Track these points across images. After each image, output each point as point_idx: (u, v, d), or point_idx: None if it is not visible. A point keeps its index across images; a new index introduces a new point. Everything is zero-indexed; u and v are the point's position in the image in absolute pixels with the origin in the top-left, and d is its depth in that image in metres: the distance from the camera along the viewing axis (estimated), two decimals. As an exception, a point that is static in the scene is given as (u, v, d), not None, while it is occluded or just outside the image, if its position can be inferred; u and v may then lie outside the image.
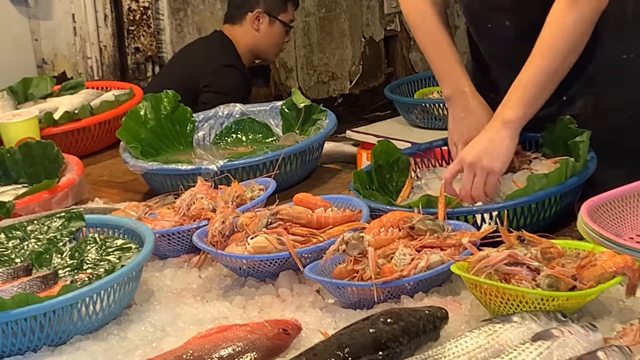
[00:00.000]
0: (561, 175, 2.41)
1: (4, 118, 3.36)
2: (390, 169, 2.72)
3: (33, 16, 5.48)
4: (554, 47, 2.50)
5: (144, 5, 5.64)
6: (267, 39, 4.96)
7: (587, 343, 1.74)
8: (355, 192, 2.54)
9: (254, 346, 1.89)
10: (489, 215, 2.35)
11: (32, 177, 2.95)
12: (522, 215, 2.38)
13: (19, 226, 2.44)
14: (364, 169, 2.66)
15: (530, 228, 2.19)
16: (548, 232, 2.11)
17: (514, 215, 2.38)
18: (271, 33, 5.00)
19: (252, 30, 4.91)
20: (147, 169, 2.88)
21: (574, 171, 2.43)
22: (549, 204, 2.41)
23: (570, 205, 2.47)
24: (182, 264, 2.41)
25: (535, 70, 2.50)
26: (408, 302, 2.03)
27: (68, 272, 2.30)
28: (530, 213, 2.39)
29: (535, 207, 2.39)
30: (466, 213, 2.36)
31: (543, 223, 2.39)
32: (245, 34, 4.91)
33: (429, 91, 5.10)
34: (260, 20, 4.92)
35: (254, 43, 4.92)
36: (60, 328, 2.03)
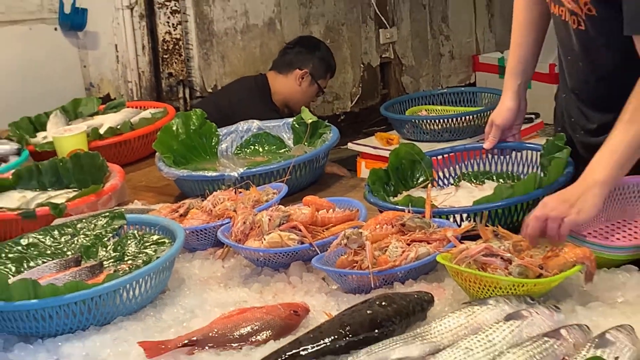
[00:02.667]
0: (527, 187, 2.33)
1: (57, 133, 3.37)
2: (412, 167, 2.69)
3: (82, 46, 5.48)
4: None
5: (176, 37, 5.64)
6: (303, 95, 4.95)
7: (551, 322, 1.74)
8: (367, 186, 2.53)
9: (269, 325, 1.90)
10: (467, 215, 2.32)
11: (81, 183, 2.95)
12: (490, 219, 2.28)
13: (70, 224, 2.45)
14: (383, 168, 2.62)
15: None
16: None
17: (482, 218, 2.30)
18: (308, 91, 5.01)
19: (294, 84, 4.88)
20: (179, 176, 2.88)
21: (540, 184, 2.35)
22: (515, 210, 2.31)
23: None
24: (208, 256, 2.40)
25: (627, 134, 2.13)
26: (400, 288, 2.03)
27: (111, 263, 2.31)
28: (497, 217, 2.30)
29: (502, 212, 2.30)
30: (447, 213, 2.32)
31: (512, 226, 2.25)
32: (286, 84, 4.89)
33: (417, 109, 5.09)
34: (304, 79, 4.92)
35: (291, 94, 4.89)
36: (105, 310, 2.04)
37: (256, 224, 2.28)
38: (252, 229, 2.29)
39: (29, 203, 2.82)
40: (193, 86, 5.77)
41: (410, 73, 7.07)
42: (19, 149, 3.34)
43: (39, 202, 2.81)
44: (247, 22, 5.95)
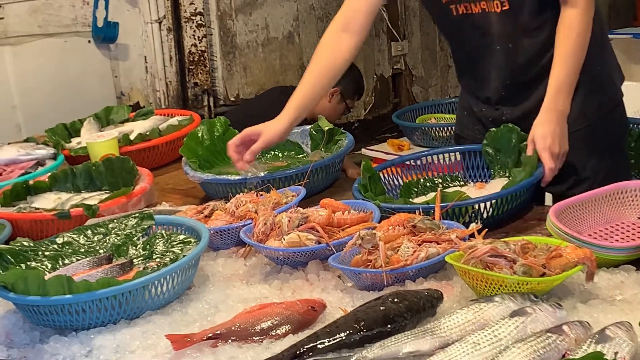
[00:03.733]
0: (532, 167, 2.48)
1: (90, 139, 3.37)
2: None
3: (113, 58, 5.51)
4: (575, 49, 2.52)
5: (201, 49, 5.66)
6: (331, 111, 4.91)
7: (554, 318, 1.73)
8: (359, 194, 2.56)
9: (288, 320, 1.89)
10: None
11: (112, 186, 2.95)
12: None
13: (102, 224, 2.45)
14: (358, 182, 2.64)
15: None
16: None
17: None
18: (336, 108, 5.00)
19: (324, 99, 4.85)
20: (204, 179, 2.88)
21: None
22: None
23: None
24: (231, 255, 2.40)
25: (568, 67, 2.52)
26: (411, 285, 2.02)
27: (141, 261, 2.31)
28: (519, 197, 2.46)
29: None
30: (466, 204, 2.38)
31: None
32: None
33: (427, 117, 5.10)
34: (334, 96, 4.90)
35: (320, 109, 4.85)
36: (135, 305, 2.04)
37: (276, 225, 2.28)
38: (272, 230, 2.28)
39: (64, 204, 2.83)
40: (217, 95, 5.79)
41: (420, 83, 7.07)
42: (55, 154, 3.36)
43: (73, 203, 2.82)
44: (268, 35, 5.96)
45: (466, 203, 2.38)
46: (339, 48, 2.76)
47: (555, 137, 2.50)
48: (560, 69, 2.54)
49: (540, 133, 2.51)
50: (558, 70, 2.54)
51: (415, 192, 2.77)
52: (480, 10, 2.64)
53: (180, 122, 3.62)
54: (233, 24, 5.76)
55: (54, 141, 3.50)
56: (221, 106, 5.77)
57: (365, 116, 6.78)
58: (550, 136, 2.50)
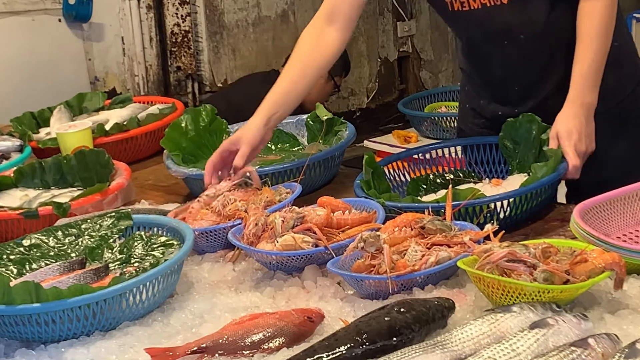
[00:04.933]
0: (556, 161, 2.48)
1: (61, 129, 3.37)
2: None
3: (87, 38, 5.50)
4: (600, 37, 2.55)
5: (185, 29, 5.66)
6: (318, 92, 4.91)
7: (578, 331, 1.73)
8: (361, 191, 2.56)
9: (282, 332, 1.89)
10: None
11: (86, 181, 2.95)
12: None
13: (74, 224, 2.45)
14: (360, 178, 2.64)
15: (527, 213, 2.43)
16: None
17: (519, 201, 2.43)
18: (324, 88, 5.00)
19: None
20: (187, 174, 2.88)
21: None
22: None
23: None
24: (218, 259, 2.40)
25: (593, 57, 2.53)
26: (419, 294, 2.02)
27: (117, 266, 2.30)
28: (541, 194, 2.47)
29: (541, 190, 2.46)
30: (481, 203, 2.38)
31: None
32: None
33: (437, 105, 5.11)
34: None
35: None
36: (111, 315, 2.04)
37: (269, 226, 2.27)
38: (264, 231, 2.28)
39: (32, 202, 2.83)
40: (202, 81, 5.78)
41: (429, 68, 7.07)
42: (21, 146, 3.36)
43: (42, 201, 2.82)
44: (259, 14, 5.96)
45: (481, 202, 2.38)
46: (323, 44, 2.77)
47: (581, 134, 2.51)
48: (584, 58, 2.55)
49: (566, 128, 2.51)
50: (582, 60, 2.55)
51: (423, 189, 2.78)
52: (480, 6, 2.65)
53: (161, 111, 3.62)
54: (220, 0, 5.75)
55: (20, 132, 3.49)
56: (207, 93, 5.77)
57: (368, 104, 6.79)
58: (577, 132, 2.50)
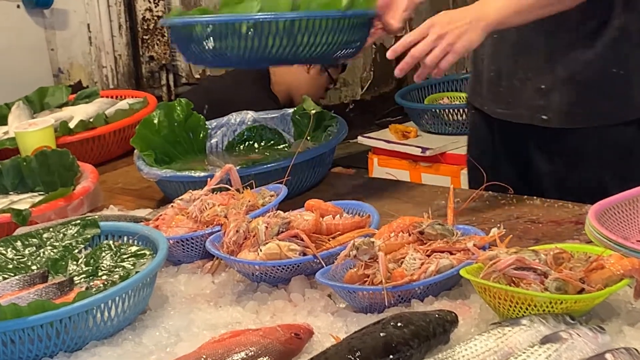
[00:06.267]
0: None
1: (20, 127, 3.37)
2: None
3: (49, 26, 5.49)
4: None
5: (158, 15, 5.65)
6: (310, 85, 4.90)
7: (595, 345, 1.73)
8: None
9: (267, 350, 1.89)
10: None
11: (48, 185, 2.95)
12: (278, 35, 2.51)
13: (35, 234, 2.44)
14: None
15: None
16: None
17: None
18: (317, 81, 4.98)
19: (302, 70, 4.86)
20: (161, 177, 2.88)
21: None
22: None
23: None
24: (196, 270, 2.41)
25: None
26: (418, 306, 2.03)
27: (83, 279, 2.30)
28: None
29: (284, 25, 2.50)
30: None
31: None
32: (290, 71, 4.86)
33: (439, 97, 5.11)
34: (313, 65, 4.86)
35: (296, 84, 4.85)
36: (76, 334, 2.03)
37: (251, 233, 2.28)
38: (246, 239, 2.29)
39: (-13, 209, 2.83)
40: (178, 72, 5.78)
41: (430, 55, 7.07)
42: (-24, 146, 3.36)
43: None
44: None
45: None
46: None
47: (455, 21, 2.51)
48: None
49: (447, 16, 2.54)
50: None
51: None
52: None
53: (131, 106, 3.62)
54: (197, -17, 5.76)
55: (-26, 131, 3.50)
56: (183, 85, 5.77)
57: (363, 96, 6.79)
58: (450, 17, 2.53)
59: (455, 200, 2.35)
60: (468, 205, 2.54)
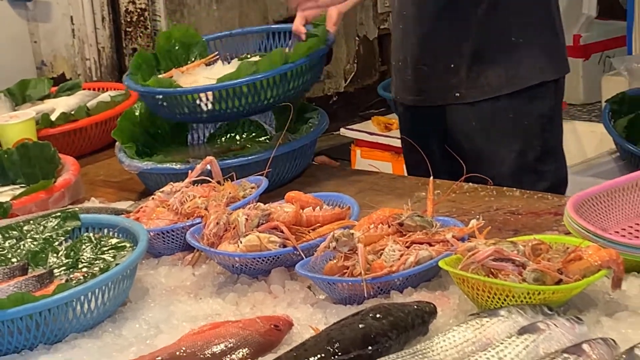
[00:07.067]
0: (273, 63, 2.76)
1: (1, 120, 3.35)
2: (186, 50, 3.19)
3: (32, 18, 5.47)
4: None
5: (141, 7, 5.63)
6: None
7: (572, 336, 1.74)
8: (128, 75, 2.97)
9: (246, 342, 1.89)
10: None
11: (29, 178, 2.94)
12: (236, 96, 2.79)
13: (15, 226, 2.43)
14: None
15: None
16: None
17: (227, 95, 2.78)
18: None
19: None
20: (142, 169, 2.87)
21: (287, 60, 2.78)
22: (262, 87, 2.79)
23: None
24: (176, 262, 2.40)
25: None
26: (397, 297, 2.03)
27: (63, 271, 2.30)
28: (243, 95, 2.79)
29: (247, 89, 2.77)
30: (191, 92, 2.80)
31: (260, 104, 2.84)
32: None
33: (421, 89, 5.09)
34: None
35: None
36: (56, 326, 2.03)
37: (231, 225, 2.28)
38: (226, 231, 2.28)
39: (-31, 202, 2.82)
40: (161, 64, 5.76)
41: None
42: (-43, 139, 3.34)
43: (-20, 200, 2.80)
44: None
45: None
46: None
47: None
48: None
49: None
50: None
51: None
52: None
53: (113, 98, 3.61)
54: (180, -26, 5.74)
55: (-44, 123, 3.47)
56: (166, 77, 5.75)
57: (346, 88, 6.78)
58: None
59: (435, 192, 2.35)
60: (448, 197, 2.54)
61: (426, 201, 2.31)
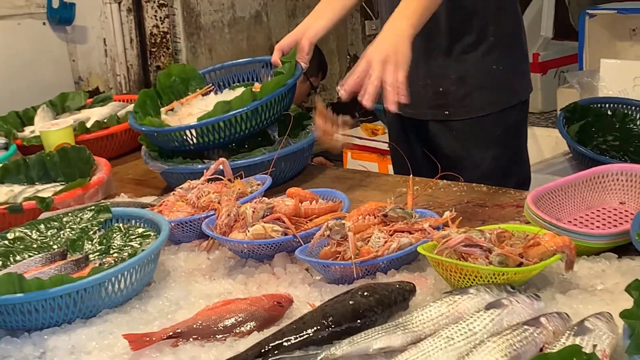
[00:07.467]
0: (244, 101, 2.76)
1: (44, 127, 3.35)
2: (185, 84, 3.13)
3: (71, 40, 5.45)
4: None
5: (164, 30, 5.62)
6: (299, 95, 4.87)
7: (531, 310, 1.73)
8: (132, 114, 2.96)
9: (253, 316, 1.89)
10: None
11: (68, 177, 2.93)
12: (215, 131, 2.79)
13: (56, 218, 2.43)
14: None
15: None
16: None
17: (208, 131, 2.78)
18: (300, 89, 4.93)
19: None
20: (164, 169, 2.87)
21: (255, 97, 2.79)
22: (236, 122, 2.79)
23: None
24: (194, 248, 2.39)
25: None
26: (382, 278, 2.03)
27: (97, 256, 2.29)
28: (221, 129, 2.79)
29: (225, 124, 2.78)
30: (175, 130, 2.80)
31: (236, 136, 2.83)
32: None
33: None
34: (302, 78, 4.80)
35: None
36: (91, 303, 2.03)
37: (240, 216, 2.27)
38: (236, 221, 2.28)
39: (17, 197, 2.81)
40: (180, 79, 5.74)
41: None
42: (7, 144, 3.33)
43: (26, 196, 2.80)
44: (234, 15, 5.93)
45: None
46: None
47: (384, 48, 2.43)
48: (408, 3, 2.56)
49: (376, 48, 2.45)
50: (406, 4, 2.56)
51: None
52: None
53: (140, 109, 3.59)
54: (197, 3, 5.72)
55: (6, 130, 3.47)
56: (185, 90, 5.74)
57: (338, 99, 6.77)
58: (378, 48, 2.45)
59: (414, 188, 2.34)
60: (425, 192, 2.54)
61: (406, 196, 2.30)
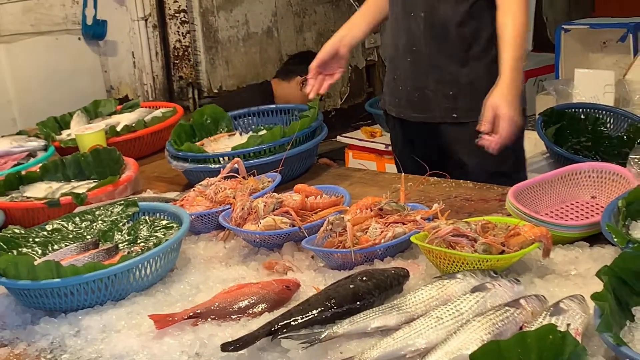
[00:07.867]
0: (274, 137, 2.80)
1: (79, 131, 3.35)
2: (215, 123, 3.14)
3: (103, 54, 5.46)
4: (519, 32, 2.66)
5: (186, 44, 5.62)
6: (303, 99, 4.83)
7: (512, 293, 1.74)
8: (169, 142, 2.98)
9: (265, 299, 1.89)
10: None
11: (100, 175, 2.93)
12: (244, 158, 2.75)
13: (89, 211, 2.43)
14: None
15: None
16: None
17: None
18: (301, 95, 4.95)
19: (296, 89, 4.79)
20: (186, 168, 2.86)
21: (284, 134, 2.81)
22: (264, 153, 2.79)
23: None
24: (212, 238, 2.39)
25: (515, 49, 2.63)
26: (379, 264, 2.02)
27: (126, 245, 2.29)
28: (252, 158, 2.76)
29: (254, 154, 2.78)
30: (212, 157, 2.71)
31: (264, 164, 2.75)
32: (288, 89, 4.80)
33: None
34: (303, 84, 4.82)
35: (292, 98, 4.80)
36: (120, 287, 2.03)
37: (253, 210, 2.27)
38: (249, 214, 2.27)
39: (54, 193, 2.81)
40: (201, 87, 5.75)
41: (392, 74, 7.03)
42: (46, 145, 3.33)
43: (63, 192, 2.79)
44: (248, 31, 5.92)
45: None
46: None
47: (507, 99, 2.55)
48: (509, 52, 2.62)
49: (496, 98, 2.56)
50: (508, 53, 2.62)
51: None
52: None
53: (164, 114, 3.60)
54: (215, 20, 5.71)
55: (45, 134, 3.47)
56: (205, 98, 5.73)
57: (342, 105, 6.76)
58: (501, 99, 2.55)
59: (407, 184, 2.34)
60: (417, 188, 2.54)
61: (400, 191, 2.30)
